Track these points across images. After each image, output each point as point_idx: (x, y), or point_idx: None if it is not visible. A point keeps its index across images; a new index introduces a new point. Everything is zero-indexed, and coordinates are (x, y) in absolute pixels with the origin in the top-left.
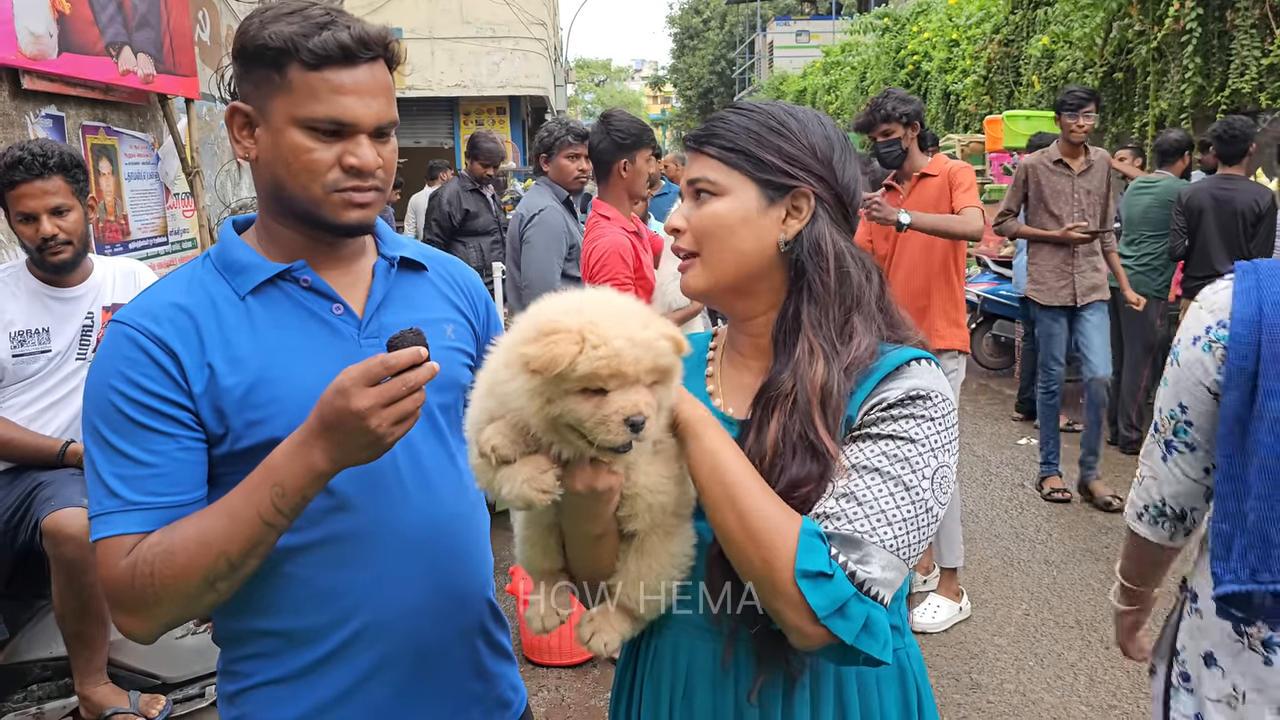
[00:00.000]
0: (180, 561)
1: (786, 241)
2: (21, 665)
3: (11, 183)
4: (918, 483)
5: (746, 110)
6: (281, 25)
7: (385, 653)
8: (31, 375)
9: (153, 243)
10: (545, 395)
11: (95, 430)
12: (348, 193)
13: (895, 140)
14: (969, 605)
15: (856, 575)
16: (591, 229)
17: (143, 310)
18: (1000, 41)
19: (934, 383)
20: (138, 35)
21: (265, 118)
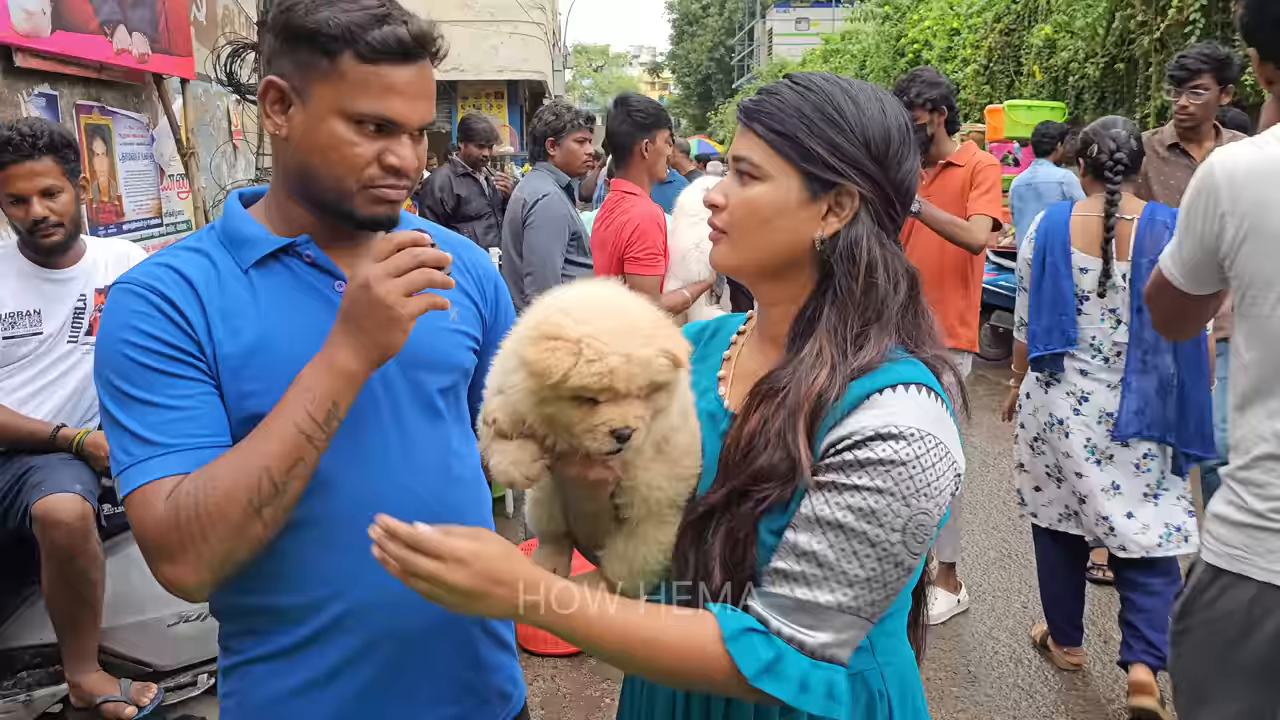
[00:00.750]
0: (224, 487)
1: (823, 240)
2: (11, 652)
3: (1, 164)
4: (885, 537)
5: (803, 88)
6: (338, 11)
7: (369, 636)
8: (23, 358)
9: (147, 224)
10: (540, 396)
11: (113, 387)
12: (382, 189)
13: (921, 126)
14: (967, 597)
15: (806, 645)
16: (617, 205)
17: (146, 273)
18: (1001, 30)
19: (910, 417)
20: (132, 14)
21: (303, 99)
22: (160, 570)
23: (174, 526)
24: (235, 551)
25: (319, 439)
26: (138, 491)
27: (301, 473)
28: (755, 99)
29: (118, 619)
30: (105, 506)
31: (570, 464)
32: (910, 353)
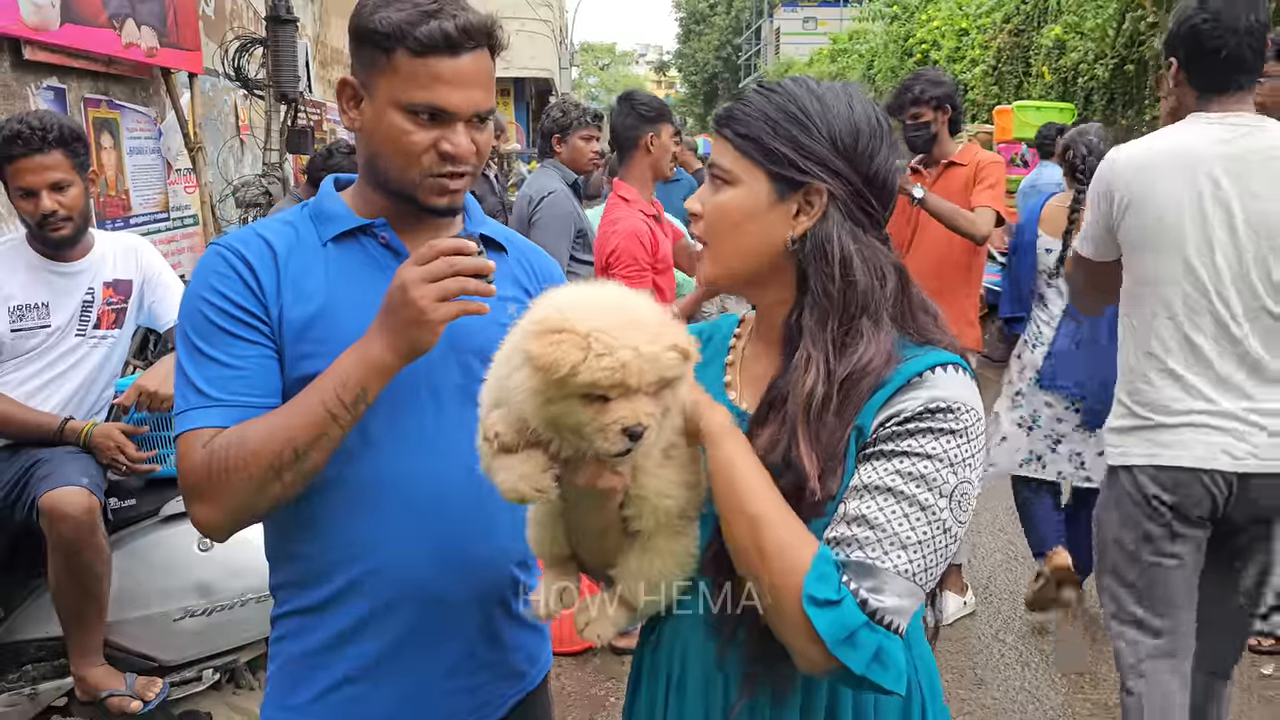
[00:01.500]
0: (251, 447)
1: (795, 240)
2: (16, 645)
3: (10, 157)
4: (934, 501)
5: (768, 92)
6: (392, 11)
7: (386, 600)
8: (30, 350)
9: (154, 218)
10: (546, 395)
11: (186, 337)
12: (440, 179)
13: (925, 124)
14: (973, 599)
15: (869, 604)
16: (609, 212)
17: (238, 238)
18: (1010, 31)
19: (958, 392)
20: (141, 8)
21: (370, 94)
22: (191, 508)
23: (206, 472)
24: (255, 504)
25: (344, 420)
26: (185, 435)
27: (324, 446)
28: (726, 106)
29: (123, 613)
30: (112, 500)
31: (580, 472)
32: (923, 344)
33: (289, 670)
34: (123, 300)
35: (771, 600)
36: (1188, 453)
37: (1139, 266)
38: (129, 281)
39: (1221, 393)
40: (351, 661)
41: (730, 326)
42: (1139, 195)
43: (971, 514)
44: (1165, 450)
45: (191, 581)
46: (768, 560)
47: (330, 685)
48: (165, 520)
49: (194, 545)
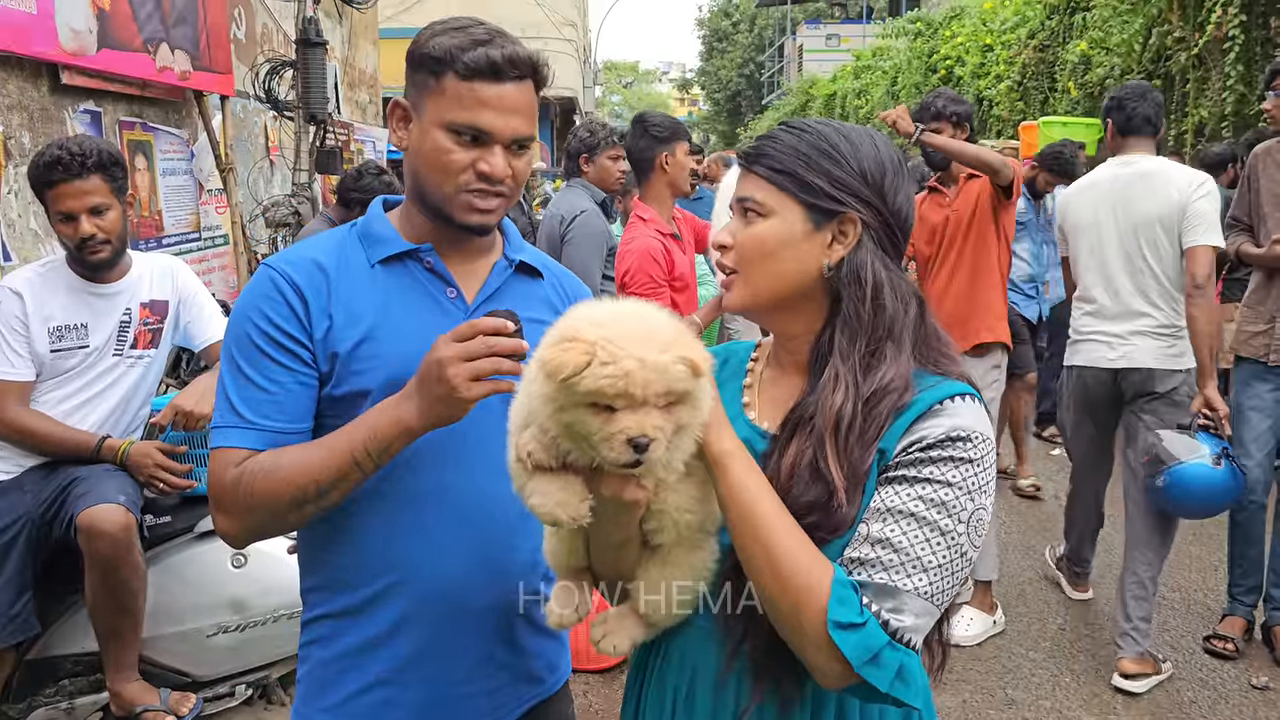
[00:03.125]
0: (278, 478)
1: (830, 267)
2: (53, 660)
3: (50, 182)
4: (954, 527)
5: (798, 129)
6: (446, 38)
7: (417, 606)
8: (69, 370)
9: (185, 238)
10: (558, 402)
11: (230, 355)
12: (473, 196)
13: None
14: (1003, 619)
15: (890, 624)
16: (626, 231)
17: (288, 259)
18: (1035, 47)
19: (974, 422)
20: (175, 32)
21: (419, 115)
22: (214, 515)
23: (234, 492)
24: (272, 527)
25: (368, 468)
26: (218, 451)
27: (344, 488)
28: (754, 144)
29: (158, 629)
30: (148, 517)
31: (606, 482)
32: (937, 373)
33: (318, 673)
34: (159, 321)
35: (792, 623)
36: (1084, 357)
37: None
38: (165, 302)
39: (1105, 322)
40: (383, 664)
41: (746, 351)
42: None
43: (984, 537)
44: (1077, 356)
45: (225, 598)
46: (786, 585)
47: (361, 688)
48: (199, 537)
49: (227, 562)
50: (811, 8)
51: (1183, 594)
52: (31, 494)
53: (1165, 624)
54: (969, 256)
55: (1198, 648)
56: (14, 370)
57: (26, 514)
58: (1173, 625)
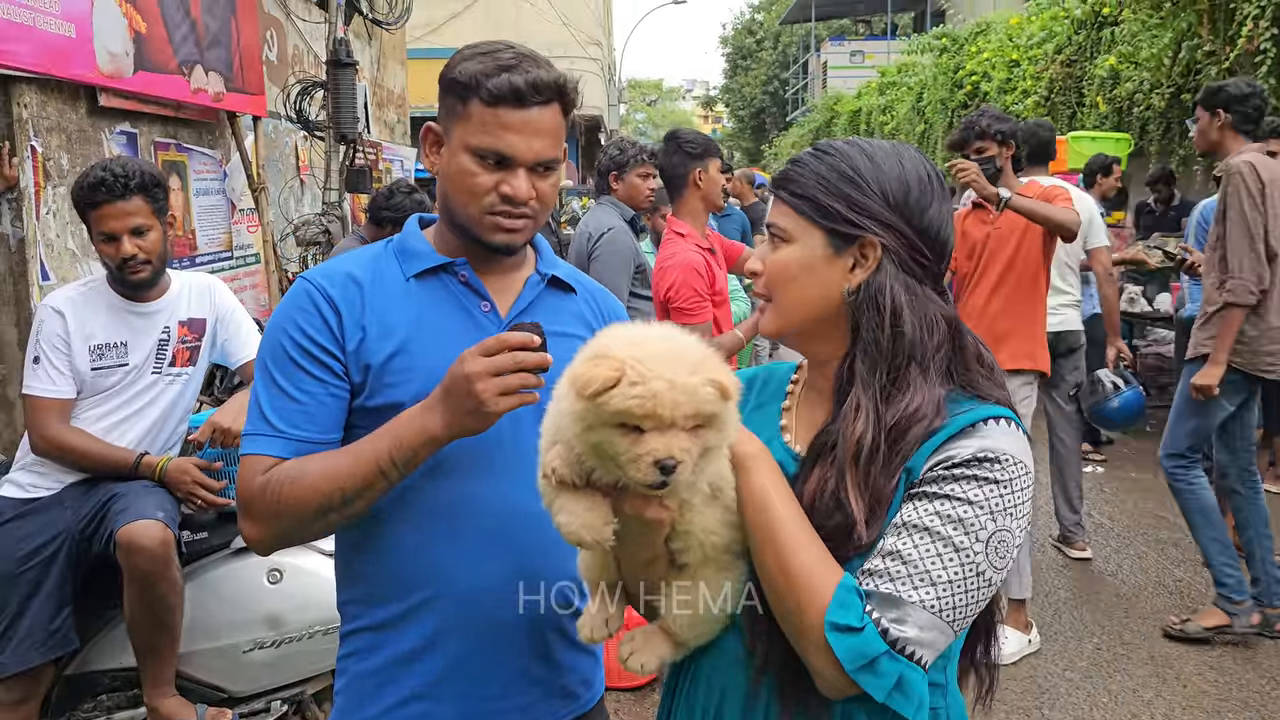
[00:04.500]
0: (304, 485)
1: (851, 291)
2: (91, 675)
3: (94, 203)
4: (969, 545)
5: (822, 152)
6: (473, 63)
7: (453, 619)
8: (109, 388)
9: (218, 257)
10: (586, 421)
11: (264, 366)
12: (498, 217)
13: (990, 159)
14: (1038, 638)
15: (889, 633)
16: (664, 247)
17: (324, 273)
18: (1063, 62)
19: (1008, 445)
20: (209, 54)
21: (448, 139)
22: (240, 521)
23: (261, 498)
24: (298, 534)
25: (393, 478)
26: (247, 458)
27: (369, 496)
28: (783, 169)
29: (195, 644)
30: (185, 533)
31: (629, 500)
32: (974, 397)
33: (356, 686)
34: (196, 339)
35: (795, 623)
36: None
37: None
38: (203, 320)
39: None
40: (419, 678)
41: (787, 372)
42: None
43: (1011, 561)
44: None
45: (261, 614)
46: (793, 585)
47: (397, 702)
48: (236, 553)
49: (264, 578)
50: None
51: None
52: (72, 510)
53: (1204, 645)
54: (1010, 279)
55: (1239, 667)
56: (55, 388)
57: (67, 530)
58: (1211, 646)
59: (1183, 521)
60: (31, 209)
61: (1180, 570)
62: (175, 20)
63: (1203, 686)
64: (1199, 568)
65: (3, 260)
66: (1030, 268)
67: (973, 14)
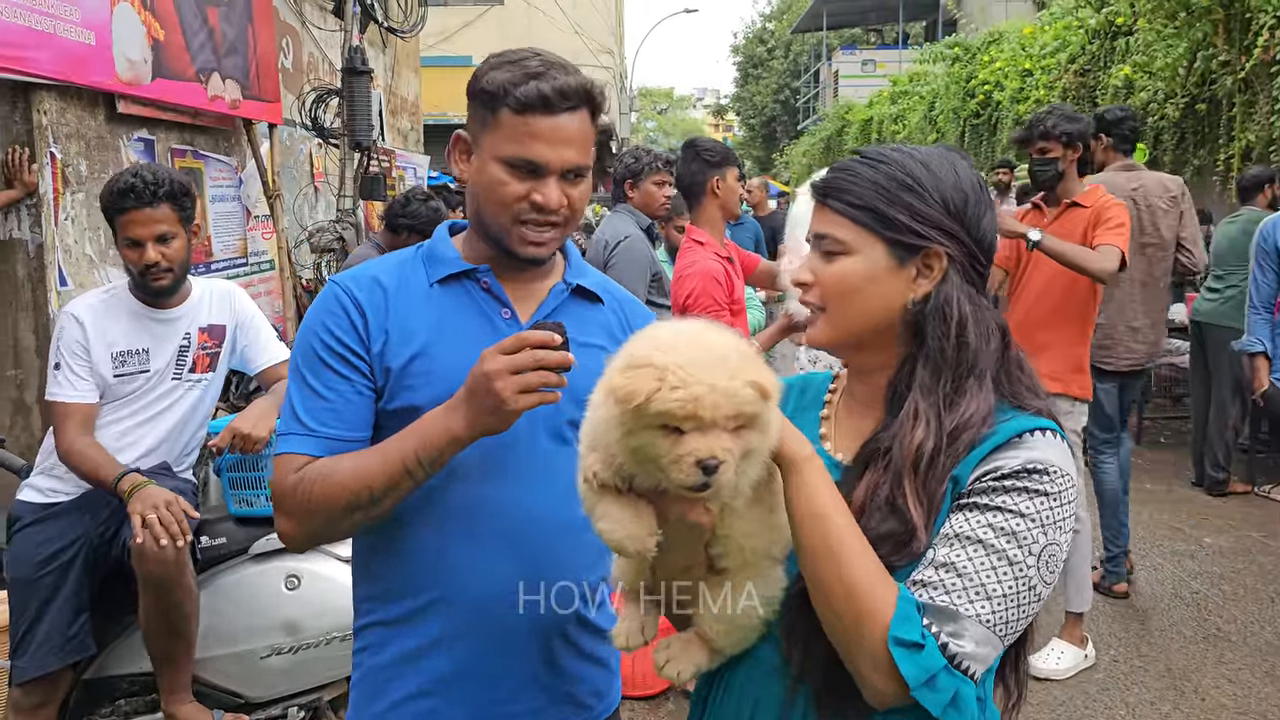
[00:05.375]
0: (334, 483)
1: (916, 302)
2: (109, 680)
3: (122, 209)
4: (1023, 559)
5: (874, 161)
6: (500, 72)
7: (461, 621)
8: (130, 393)
9: (233, 263)
10: (626, 426)
11: (296, 366)
12: (526, 228)
13: (1052, 160)
14: (1094, 653)
15: (949, 648)
16: (683, 254)
17: (353, 277)
18: (1076, 71)
19: (1055, 456)
20: (226, 62)
21: (478, 148)
22: (277, 520)
23: (293, 495)
24: (329, 531)
25: (419, 477)
26: (282, 456)
27: (396, 495)
28: (830, 177)
29: (211, 650)
30: (202, 539)
31: (673, 504)
32: (1016, 407)
33: (370, 679)
34: (216, 345)
35: (852, 636)
36: None
37: None
38: (223, 326)
39: None
40: (424, 676)
41: (825, 381)
42: None
43: (1058, 575)
44: None
45: (278, 620)
46: (853, 597)
47: (404, 697)
48: (253, 559)
49: (281, 584)
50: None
51: (1238, 626)
52: (91, 515)
53: (1222, 658)
54: (1057, 289)
55: (1257, 680)
56: (75, 393)
57: (85, 535)
58: (1229, 659)
59: (1199, 533)
60: (50, 215)
61: (1197, 582)
62: (193, 28)
63: (1221, 700)
64: (1216, 580)
65: (21, 266)
66: (1078, 290)
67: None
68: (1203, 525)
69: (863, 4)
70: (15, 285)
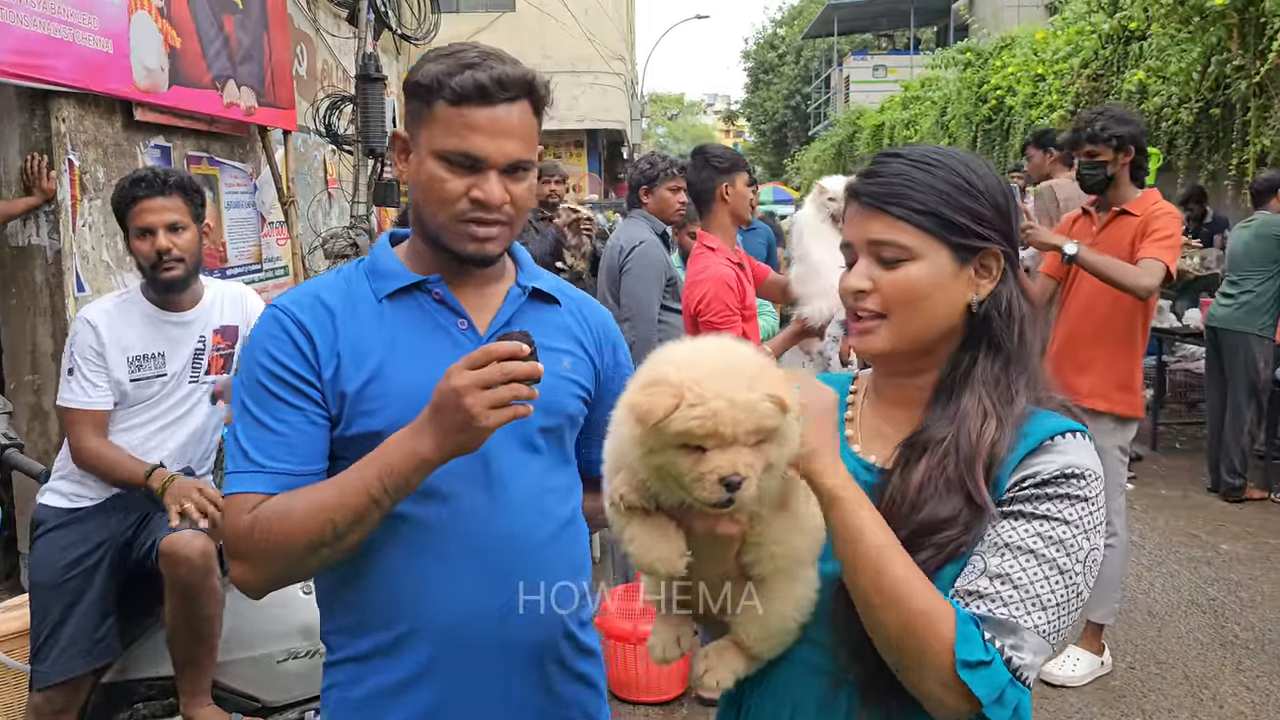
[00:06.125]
0: (293, 521)
1: (980, 302)
2: (129, 684)
3: (134, 198)
4: (1072, 566)
5: (926, 165)
6: (435, 65)
7: (439, 650)
8: (149, 398)
9: (247, 270)
10: (648, 445)
11: (239, 399)
12: (470, 225)
13: (1100, 164)
14: (1110, 660)
15: (1012, 662)
16: (695, 260)
17: (293, 299)
18: (1089, 76)
19: (1087, 459)
20: (242, 69)
21: (415, 146)
22: (231, 565)
23: (249, 538)
24: (292, 573)
25: (385, 505)
26: (231, 497)
27: (362, 528)
28: (882, 182)
29: (230, 654)
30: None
31: (700, 519)
32: (1035, 401)
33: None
34: (230, 346)
35: (915, 660)
36: None
37: None
38: (235, 328)
39: None
40: (408, 710)
41: (843, 383)
42: None
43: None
44: None
45: (296, 624)
46: (911, 621)
47: None
48: None
49: (299, 589)
50: (858, 39)
51: (1256, 633)
52: (116, 519)
53: (1240, 665)
54: (1101, 307)
55: (1276, 688)
56: (89, 399)
57: (110, 539)
58: (1247, 665)
59: (1215, 539)
60: (68, 221)
61: (1213, 589)
62: (209, 36)
63: (1239, 707)
64: (1233, 586)
65: (40, 272)
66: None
67: (996, 28)
68: (1219, 531)
69: (874, 9)
70: (34, 291)
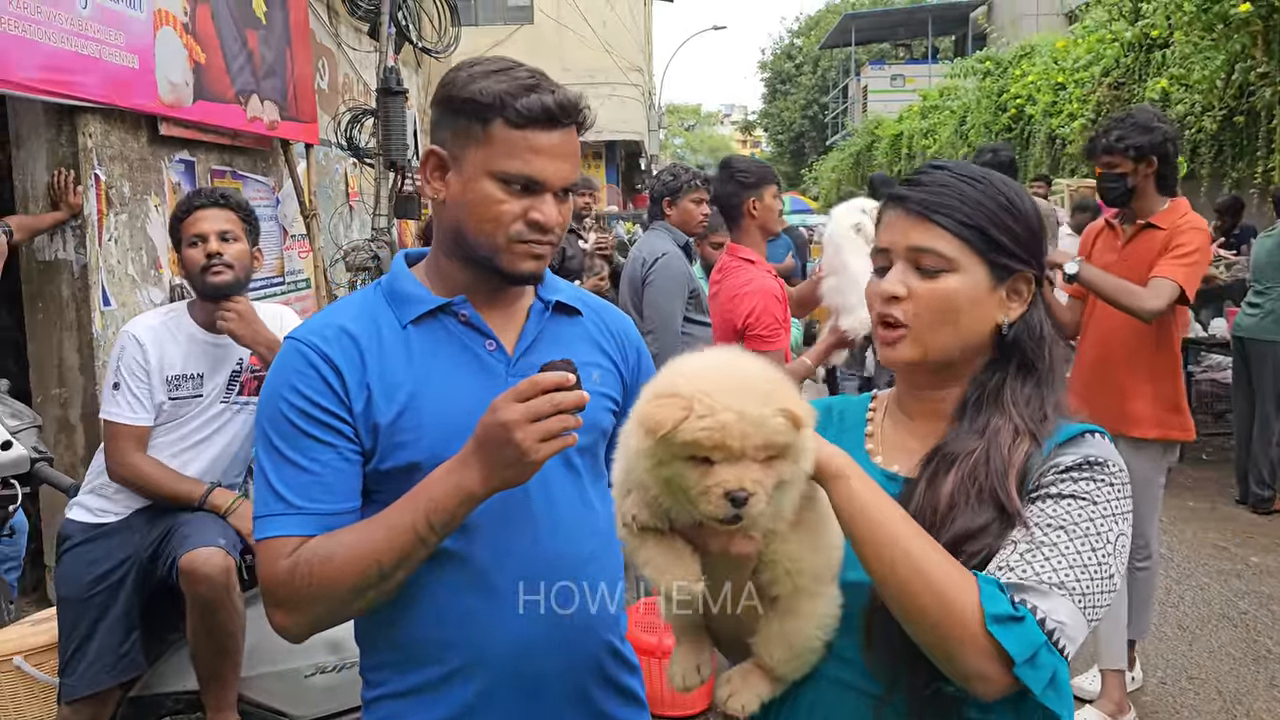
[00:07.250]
0: (337, 564)
1: (1010, 324)
2: (155, 698)
3: (191, 208)
4: (1103, 543)
5: (972, 180)
6: (491, 82)
7: (491, 682)
8: (181, 417)
9: (270, 283)
10: (656, 457)
11: (266, 437)
12: (529, 245)
13: (1120, 176)
14: (1141, 674)
15: (1046, 622)
16: (733, 273)
17: (314, 330)
18: (1110, 84)
19: (1110, 453)
20: (265, 83)
21: (459, 164)
22: (270, 613)
23: (289, 584)
24: (336, 617)
25: (431, 543)
26: (266, 542)
27: (409, 566)
28: (929, 191)
29: (256, 668)
30: (249, 556)
31: (713, 538)
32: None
33: None
34: (265, 368)
35: (943, 625)
36: None
37: None
38: None
39: None
40: None
41: (863, 403)
42: None
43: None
44: None
45: (322, 638)
46: (937, 588)
47: None
48: None
49: None
50: (876, 49)
51: None
52: (139, 535)
53: (1274, 680)
54: (1128, 327)
55: None
56: (135, 415)
57: (135, 555)
58: None
59: (1245, 551)
60: (94, 236)
61: (1244, 602)
62: (233, 51)
63: None
64: (1264, 599)
65: (66, 286)
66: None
67: (1015, 37)
68: (1248, 544)
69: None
70: (60, 305)
